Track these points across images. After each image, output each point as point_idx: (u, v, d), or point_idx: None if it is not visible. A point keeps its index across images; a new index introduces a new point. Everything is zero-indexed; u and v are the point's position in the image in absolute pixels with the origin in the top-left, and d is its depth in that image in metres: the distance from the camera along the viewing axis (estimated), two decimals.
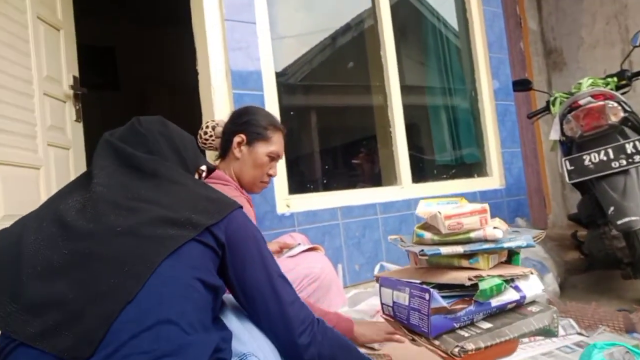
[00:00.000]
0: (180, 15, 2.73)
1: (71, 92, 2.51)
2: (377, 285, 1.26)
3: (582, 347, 1.44)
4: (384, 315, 1.25)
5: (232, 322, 0.91)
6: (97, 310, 0.72)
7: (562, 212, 4.40)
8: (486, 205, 1.13)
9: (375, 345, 1.68)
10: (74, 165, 2.45)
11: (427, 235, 1.15)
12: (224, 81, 2.21)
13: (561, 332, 1.59)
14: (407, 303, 1.11)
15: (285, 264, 1.52)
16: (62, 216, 0.83)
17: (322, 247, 1.82)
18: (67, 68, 2.51)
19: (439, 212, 1.10)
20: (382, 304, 1.22)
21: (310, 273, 1.57)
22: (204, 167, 1.10)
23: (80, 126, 2.57)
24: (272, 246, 1.75)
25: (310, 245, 1.78)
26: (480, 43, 3.29)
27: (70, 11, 2.61)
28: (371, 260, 2.39)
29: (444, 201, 1.26)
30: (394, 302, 1.17)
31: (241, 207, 0.94)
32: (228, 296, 0.97)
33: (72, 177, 2.41)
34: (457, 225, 1.10)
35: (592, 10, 4.24)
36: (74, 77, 2.55)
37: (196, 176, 1.09)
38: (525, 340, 1.50)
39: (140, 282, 0.74)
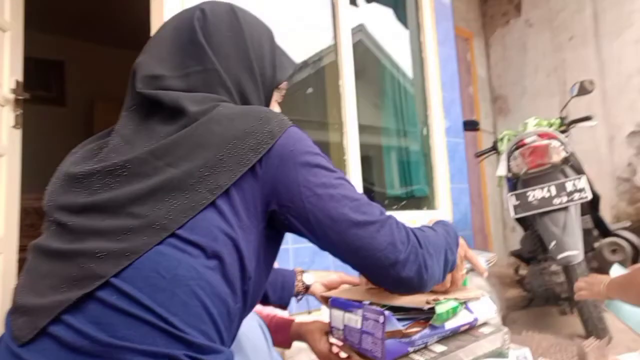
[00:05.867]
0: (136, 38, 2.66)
1: (12, 96, 2.36)
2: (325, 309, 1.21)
3: None
4: (333, 340, 1.19)
5: None
6: None
7: (503, 251, 4.56)
8: None
9: None
10: (7, 174, 2.27)
11: None
12: None
13: None
14: (359, 326, 1.07)
15: None
16: (64, 175, 0.70)
17: None
18: (10, 71, 2.37)
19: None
20: (331, 327, 1.17)
21: None
22: (284, 85, 0.88)
23: (18, 133, 2.40)
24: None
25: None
26: (435, 81, 3.42)
27: (20, 15, 2.48)
28: None
29: None
30: (345, 325, 1.12)
31: (290, 126, 0.72)
32: None
33: (2, 187, 2.23)
34: None
35: (535, 62, 4.56)
36: (17, 82, 2.40)
37: (274, 98, 0.87)
38: None
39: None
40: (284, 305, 1.20)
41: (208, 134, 0.66)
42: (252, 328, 0.99)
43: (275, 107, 0.89)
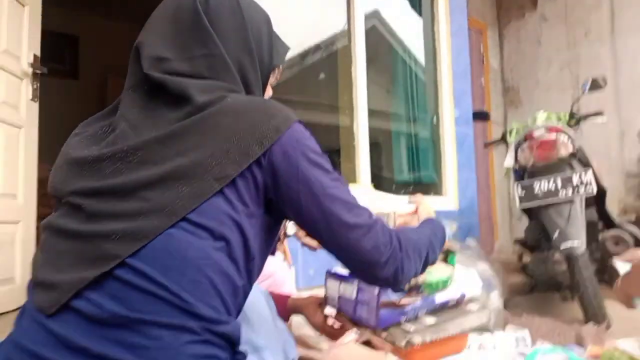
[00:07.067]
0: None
1: (30, 70, 2.41)
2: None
3: None
4: (327, 310, 1.23)
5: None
6: None
7: (509, 239, 4.58)
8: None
9: (324, 346, 1.66)
10: (25, 145, 2.33)
11: None
12: None
13: (514, 343, 1.62)
14: (354, 296, 1.11)
15: None
16: (72, 159, 0.73)
17: None
18: (28, 45, 2.41)
19: (394, 212, 1.13)
20: (325, 297, 1.21)
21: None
22: (279, 68, 0.92)
23: (35, 106, 2.46)
24: None
25: None
26: (447, 72, 3.43)
27: None
28: (326, 265, 2.37)
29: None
30: (339, 296, 1.16)
31: (294, 122, 0.74)
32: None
33: (21, 158, 2.30)
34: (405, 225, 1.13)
35: (549, 56, 4.53)
36: (35, 56, 2.46)
37: (270, 81, 0.91)
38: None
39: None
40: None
41: (216, 125, 0.69)
42: (257, 299, 1.04)
43: (269, 91, 0.93)
